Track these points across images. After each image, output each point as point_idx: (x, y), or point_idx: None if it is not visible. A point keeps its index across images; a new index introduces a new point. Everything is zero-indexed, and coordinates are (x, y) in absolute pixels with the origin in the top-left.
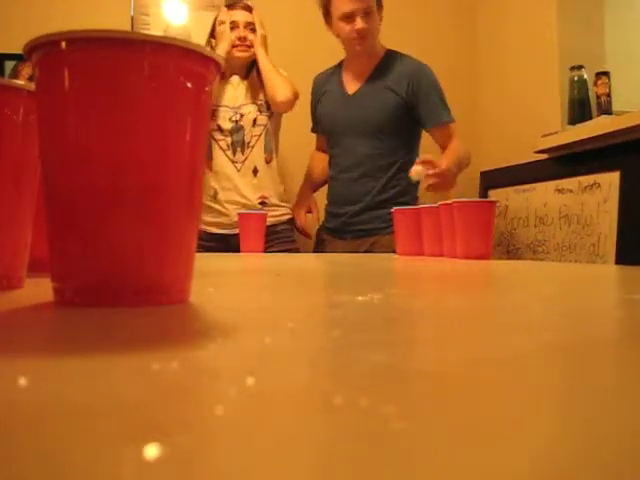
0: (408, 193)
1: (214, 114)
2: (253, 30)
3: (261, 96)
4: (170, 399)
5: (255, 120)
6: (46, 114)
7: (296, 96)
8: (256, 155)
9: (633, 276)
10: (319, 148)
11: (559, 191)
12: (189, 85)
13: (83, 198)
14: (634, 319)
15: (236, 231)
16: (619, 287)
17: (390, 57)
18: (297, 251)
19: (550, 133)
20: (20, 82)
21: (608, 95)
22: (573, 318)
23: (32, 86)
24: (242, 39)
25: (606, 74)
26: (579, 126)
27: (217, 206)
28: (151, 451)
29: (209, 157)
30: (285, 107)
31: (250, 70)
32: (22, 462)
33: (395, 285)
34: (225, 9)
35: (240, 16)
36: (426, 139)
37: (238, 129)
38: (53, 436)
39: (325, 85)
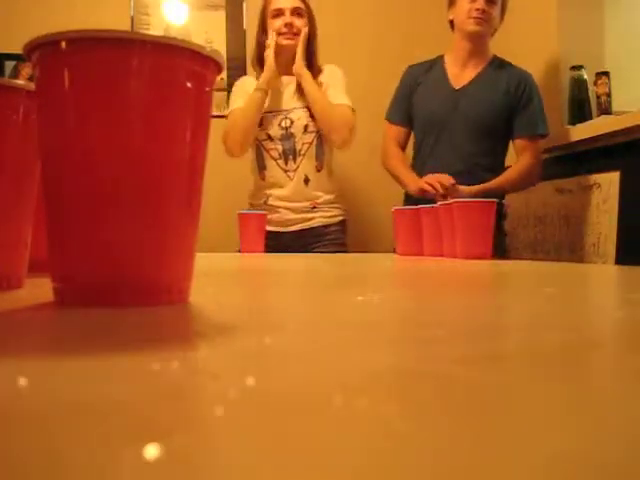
0: (501, 196)
1: (262, 122)
2: (301, 15)
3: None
4: (170, 399)
5: (306, 127)
6: (46, 114)
7: (353, 132)
8: (307, 164)
9: (633, 276)
10: (397, 141)
11: (559, 191)
12: (189, 85)
13: (83, 198)
14: (634, 319)
15: (289, 229)
16: (619, 287)
17: (499, 60)
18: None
19: (550, 133)
20: (20, 82)
21: (608, 95)
22: (573, 318)
23: (32, 86)
24: (288, 25)
25: (606, 74)
26: (579, 126)
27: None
28: (151, 451)
29: (262, 167)
30: (341, 147)
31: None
32: (22, 462)
33: (395, 285)
34: (273, 34)
35: (286, 2)
36: None
37: (288, 136)
38: (53, 436)
39: (421, 76)
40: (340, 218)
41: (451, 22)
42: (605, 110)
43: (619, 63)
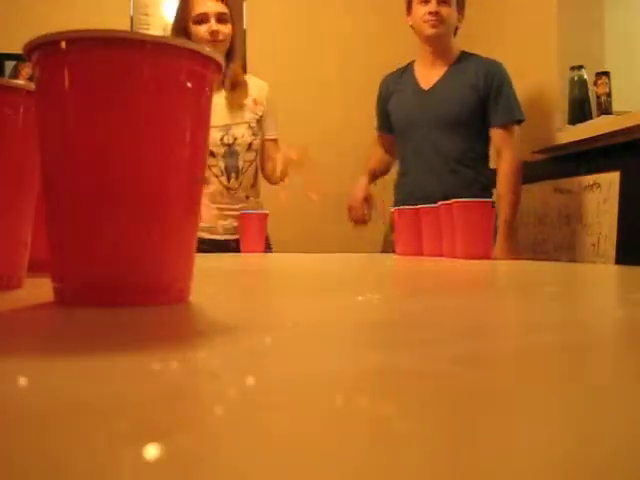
0: (487, 189)
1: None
2: (225, 21)
3: (248, 113)
4: (170, 399)
5: (250, 145)
6: (46, 114)
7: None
8: (247, 183)
9: (633, 276)
10: (381, 144)
11: (559, 191)
12: (189, 85)
13: (83, 198)
14: (634, 319)
15: (232, 237)
16: (619, 287)
17: (466, 56)
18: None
19: (550, 133)
20: (20, 82)
21: (608, 95)
22: (573, 318)
23: (32, 86)
24: (214, 33)
25: (606, 74)
26: (579, 126)
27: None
28: (151, 451)
29: (205, 182)
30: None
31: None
32: (22, 462)
33: (395, 285)
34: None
35: (210, 6)
36: None
37: (232, 154)
38: (53, 436)
39: (394, 85)
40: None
41: (412, 27)
42: (605, 110)
43: (619, 63)
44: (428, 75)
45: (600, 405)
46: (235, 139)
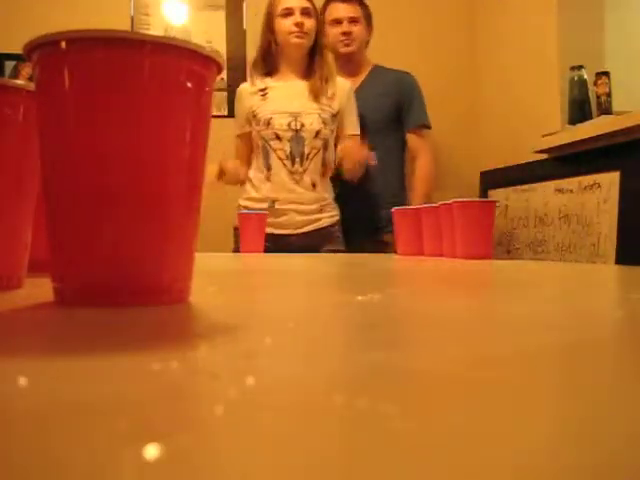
0: (399, 194)
1: (269, 122)
2: (310, 15)
3: (325, 102)
4: (170, 399)
5: (318, 133)
6: (46, 114)
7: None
8: (313, 169)
9: (633, 276)
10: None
11: (559, 191)
12: (189, 85)
13: (83, 198)
14: (634, 319)
15: (298, 231)
16: (619, 287)
17: (378, 69)
18: (344, 252)
19: (550, 133)
20: (20, 82)
21: (608, 95)
22: (573, 318)
23: (32, 86)
24: (299, 25)
25: (606, 74)
26: (579, 126)
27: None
28: (151, 451)
29: (267, 167)
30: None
31: (310, 66)
32: (22, 462)
33: (395, 285)
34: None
35: (295, 2)
36: None
37: (298, 139)
38: (53, 436)
39: None
40: (338, 217)
41: (326, 46)
42: (605, 110)
43: (619, 63)
44: None
45: (600, 405)
46: (302, 125)
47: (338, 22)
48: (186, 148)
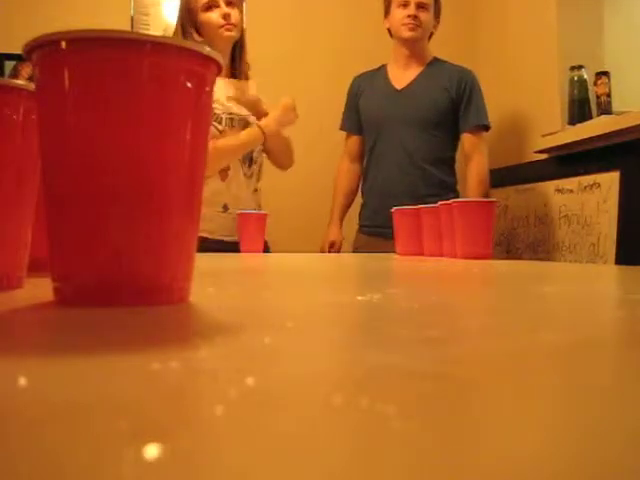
0: (452, 189)
1: (222, 123)
2: (234, 5)
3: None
4: (170, 399)
5: None
6: (46, 114)
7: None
8: (257, 174)
9: (633, 276)
10: (350, 152)
11: (559, 191)
12: (189, 85)
13: (83, 198)
14: (634, 319)
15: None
16: (619, 287)
17: (439, 61)
18: None
19: (550, 133)
20: (20, 82)
21: (608, 95)
22: (573, 318)
23: (32, 86)
24: (227, 16)
25: (606, 74)
26: (579, 126)
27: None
28: (151, 451)
29: (225, 167)
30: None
31: (234, 61)
32: (22, 462)
33: (395, 285)
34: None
35: None
36: None
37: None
38: (53, 436)
39: (365, 84)
40: None
41: (389, 30)
42: (605, 110)
43: (619, 63)
44: (402, 76)
45: (600, 405)
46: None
47: (406, 4)
48: (186, 148)
